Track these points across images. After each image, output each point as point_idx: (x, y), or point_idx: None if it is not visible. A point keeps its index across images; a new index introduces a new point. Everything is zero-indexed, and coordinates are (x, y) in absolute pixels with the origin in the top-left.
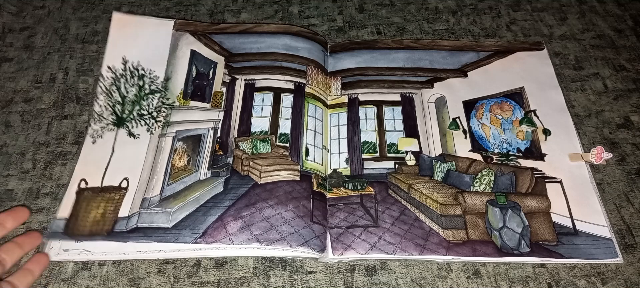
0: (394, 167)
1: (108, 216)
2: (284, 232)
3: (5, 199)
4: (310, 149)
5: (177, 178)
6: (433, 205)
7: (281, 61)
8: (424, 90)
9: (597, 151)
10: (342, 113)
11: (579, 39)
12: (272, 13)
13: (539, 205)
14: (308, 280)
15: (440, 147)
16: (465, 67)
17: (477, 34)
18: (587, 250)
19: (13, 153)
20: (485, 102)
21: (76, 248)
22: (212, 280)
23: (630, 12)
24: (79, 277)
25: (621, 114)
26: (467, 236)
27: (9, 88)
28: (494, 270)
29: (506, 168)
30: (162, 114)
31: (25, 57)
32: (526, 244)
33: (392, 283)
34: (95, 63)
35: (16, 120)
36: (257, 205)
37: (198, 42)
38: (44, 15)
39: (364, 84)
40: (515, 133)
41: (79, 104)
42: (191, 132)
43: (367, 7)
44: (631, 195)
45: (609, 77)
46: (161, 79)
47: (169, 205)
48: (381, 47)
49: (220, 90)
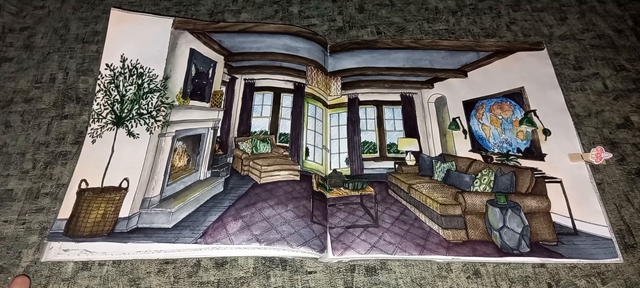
0: (394, 167)
1: (108, 217)
2: (284, 232)
3: (5, 199)
4: (310, 149)
5: (177, 178)
6: (433, 205)
7: (281, 61)
8: (424, 90)
9: (597, 151)
10: (342, 113)
11: (579, 39)
12: (272, 13)
13: (539, 205)
14: (308, 280)
15: (440, 147)
16: (465, 67)
17: (477, 34)
18: (587, 250)
19: (13, 153)
20: (485, 102)
21: (76, 248)
22: (212, 280)
23: (630, 12)
24: (79, 277)
25: (621, 114)
26: (467, 236)
27: (9, 88)
28: (494, 270)
29: (506, 168)
30: (161, 114)
31: (25, 57)
32: (526, 244)
33: (392, 283)
34: (95, 63)
35: (16, 120)
36: (257, 205)
37: (197, 40)
38: (44, 15)
39: (364, 84)
40: (515, 133)
41: (79, 104)
42: (191, 131)
43: (367, 7)
44: (631, 195)
45: (609, 77)
46: (160, 78)
47: (169, 206)
48: (381, 47)
49: (219, 90)
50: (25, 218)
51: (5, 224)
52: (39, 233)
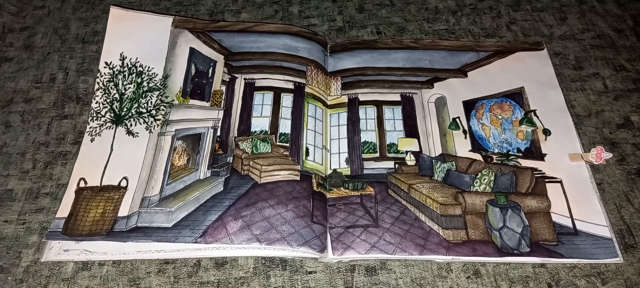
0: (394, 167)
1: (107, 216)
2: (284, 231)
3: (6, 199)
4: (310, 149)
5: (176, 177)
6: (433, 205)
7: (281, 61)
8: (424, 90)
9: (597, 151)
10: (342, 113)
11: (579, 39)
12: (272, 13)
13: (539, 205)
14: (308, 280)
15: (440, 147)
16: (465, 67)
17: (477, 34)
18: (587, 250)
19: (13, 154)
20: (485, 102)
21: (76, 248)
22: (212, 280)
23: (630, 12)
24: (79, 277)
25: (621, 114)
26: (467, 236)
27: (9, 88)
28: (494, 270)
29: (506, 168)
30: (161, 112)
31: (25, 57)
32: (526, 244)
33: (392, 283)
34: (95, 63)
35: (16, 120)
36: (257, 205)
37: (197, 39)
38: (44, 15)
39: (364, 84)
40: (515, 133)
41: (79, 104)
42: (191, 130)
43: (367, 7)
44: (631, 195)
45: (609, 77)
46: (160, 77)
47: (168, 205)
48: (381, 47)
49: (219, 89)
50: (25, 218)
51: (5, 224)
52: (39, 233)
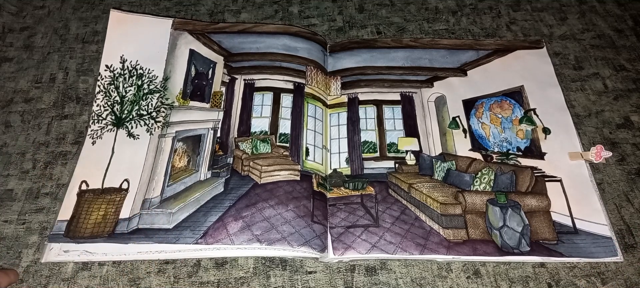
0: (394, 167)
1: (109, 218)
2: (285, 231)
3: (6, 199)
4: (310, 149)
5: (177, 179)
6: (433, 205)
7: (280, 61)
8: (423, 89)
9: (596, 149)
10: (342, 113)
11: (579, 39)
12: (272, 13)
13: (539, 204)
14: (308, 280)
15: (440, 146)
16: (464, 65)
17: (477, 34)
18: (587, 249)
19: (13, 153)
20: (485, 101)
21: (77, 249)
22: (212, 280)
23: (630, 12)
24: (79, 277)
25: (621, 113)
26: (468, 235)
27: (9, 88)
28: (494, 270)
29: (506, 167)
30: (161, 114)
31: (25, 57)
32: (526, 243)
33: (392, 283)
34: (95, 63)
35: (16, 120)
36: (257, 205)
37: (197, 41)
38: (44, 15)
39: (363, 83)
40: (515, 132)
41: (79, 104)
42: (191, 132)
43: (367, 7)
44: (631, 195)
45: (609, 77)
46: (160, 79)
47: (169, 206)
48: (381, 47)
49: (219, 90)
50: (25, 218)
51: (5, 224)
52: (39, 234)
